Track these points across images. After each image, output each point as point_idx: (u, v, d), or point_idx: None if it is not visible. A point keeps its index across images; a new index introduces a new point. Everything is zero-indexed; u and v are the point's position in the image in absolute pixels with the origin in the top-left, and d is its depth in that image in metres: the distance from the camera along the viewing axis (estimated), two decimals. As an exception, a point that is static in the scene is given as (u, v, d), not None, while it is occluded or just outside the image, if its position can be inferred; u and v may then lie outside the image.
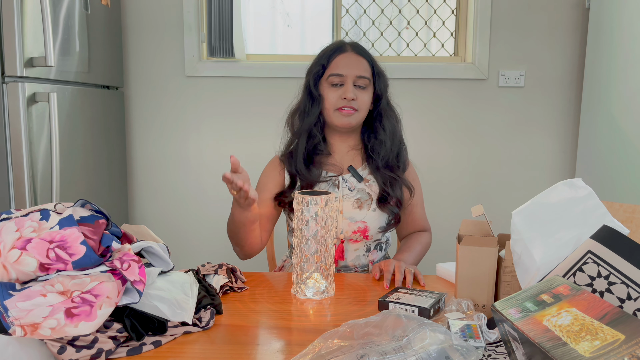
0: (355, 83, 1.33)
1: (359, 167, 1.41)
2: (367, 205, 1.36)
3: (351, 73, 1.33)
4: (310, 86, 1.37)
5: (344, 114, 1.33)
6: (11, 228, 0.81)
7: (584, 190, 0.89)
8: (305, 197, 1.05)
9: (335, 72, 1.33)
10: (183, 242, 2.53)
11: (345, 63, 1.34)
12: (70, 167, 1.87)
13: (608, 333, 0.60)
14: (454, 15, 2.53)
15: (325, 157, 1.39)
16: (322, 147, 1.39)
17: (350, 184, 1.38)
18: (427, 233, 1.49)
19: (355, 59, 1.35)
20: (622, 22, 1.95)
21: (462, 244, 0.97)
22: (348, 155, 1.42)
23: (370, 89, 1.37)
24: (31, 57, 1.62)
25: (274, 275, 1.26)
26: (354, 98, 1.32)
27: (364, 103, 1.35)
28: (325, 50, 1.39)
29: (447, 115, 2.45)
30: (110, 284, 0.80)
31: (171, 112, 2.48)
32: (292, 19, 2.58)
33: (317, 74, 1.36)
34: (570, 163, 2.47)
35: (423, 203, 1.49)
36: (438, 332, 0.75)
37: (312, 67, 1.39)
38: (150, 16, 2.42)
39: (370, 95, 1.37)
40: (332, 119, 1.35)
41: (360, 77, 1.33)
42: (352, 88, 1.32)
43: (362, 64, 1.35)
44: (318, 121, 1.37)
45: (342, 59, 1.35)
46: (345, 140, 1.41)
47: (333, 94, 1.33)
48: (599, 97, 2.11)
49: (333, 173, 1.38)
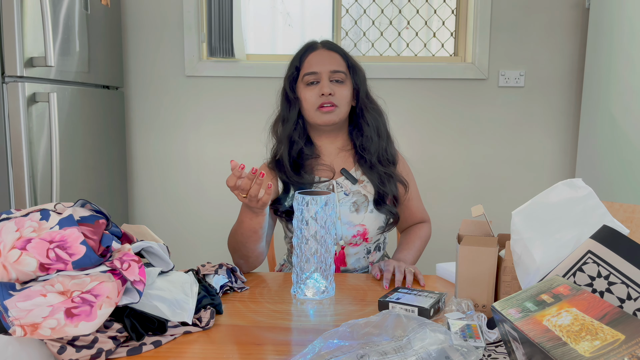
0: (331, 78, 1.31)
1: (352, 169, 1.38)
2: (364, 208, 1.34)
3: (325, 69, 1.31)
4: (287, 90, 1.35)
5: (324, 111, 1.31)
6: (11, 228, 0.81)
7: (584, 190, 0.89)
8: (305, 197, 1.05)
9: (308, 70, 1.32)
10: (183, 242, 2.53)
11: (317, 60, 1.32)
12: (70, 167, 1.87)
13: (608, 333, 0.60)
14: (454, 15, 2.53)
15: (314, 160, 1.37)
16: (309, 151, 1.36)
17: (345, 188, 1.35)
18: (426, 224, 1.48)
19: (327, 54, 1.34)
20: (622, 22, 1.95)
21: (462, 244, 0.97)
22: (339, 157, 1.39)
23: (348, 84, 1.34)
24: (31, 57, 1.62)
25: (274, 275, 1.26)
26: (331, 93, 1.29)
27: (343, 97, 1.32)
28: (297, 52, 1.38)
29: (447, 115, 2.45)
30: (110, 284, 0.80)
31: (171, 112, 2.48)
32: (292, 19, 2.58)
33: (292, 76, 1.35)
34: (570, 163, 2.47)
35: (419, 195, 1.48)
36: (438, 332, 0.75)
37: (287, 72, 1.38)
38: (150, 16, 2.42)
39: (349, 90, 1.34)
40: (314, 118, 1.33)
41: (335, 72, 1.31)
42: (328, 83, 1.30)
43: (334, 59, 1.33)
44: (297, 125, 1.35)
45: (314, 57, 1.33)
46: (333, 142, 1.39)
47: (310, 93, 1.31)
48: (599, 97, 2.11)
49: (326, 178, 1.36)
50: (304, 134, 1.37)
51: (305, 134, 1.38)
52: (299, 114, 1.35)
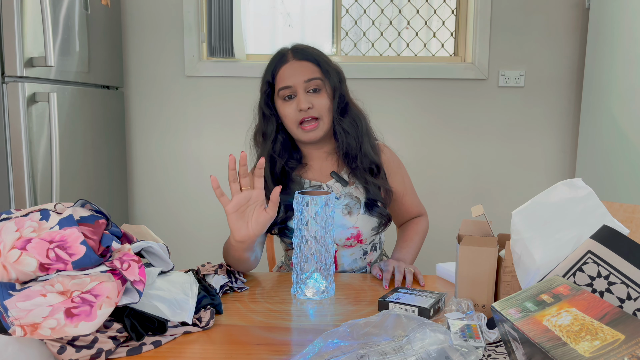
0: (307, 89, 1.26)
1: (342, 171, 1.36)
2: (357, 210, 1.31)
3: (299, 80, 1.25)
4: (263, 107, 1.32)
5: (306, 130, 1.26)
6: (11, 228, 0.81)
7: (584, 190, 0.89)
8: (305, 197, 1.05)
9: (282, 85, 1.27)
10: (183, 242, 2.53)
11: (289, 73, 1.27)
12: (70, 167, 1.87)
13: (608, 333, 0.60)
14: (454, 16, 2.53)
15: (302, 168, 1.34)
16: (295, 162, 1.32)
17: (336, 191, 1.33)
18: (423, 218, 1.46)
19: (299, 65, 1.28)
20: (622, 22, 1.95)
21: (462, 244, 0.97)
22: (328, 161, 1.36)
23: (326, 90, 1.28)
24: (31, 57, 1.62)
25: (274, 275, 1.26)
26: (309, 107, 1.24)
27: (323, 107, 1.27)
28: (268, 65, 1.33)
29: (447, 115, 2.45)
30: (110, 284, 0.80)
31: (171, 112, 2.48)
32: (292, 19, 2.58)
33: (266, 92, 1.31)
34: (570, 163, 2.47)
35: (413, 189, 1.45)
36: (438, 332, 0.75)
37: (261, 86, 1.33)
38: (150, 16, 2.42)
39: (327, 97, 1.28)
40: (297, 135, 1.29)
41: (310, 80, 1.26)
42: (304, 97, 1.25)
43: (307, 68, 1.27)
44: (276, 140, 1.31)
45: (286, 70, 1.28)
46: (320, 148, 1.35)
47: (289, 108, 1.26)
48: (599, 97, 2.11)
49: (316, 182, 1.34)
50: (286, 146, 1.33)
51: (288, 144, 1.33)
52: (277, 128, 1.31)
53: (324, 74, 1.29)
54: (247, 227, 1.05)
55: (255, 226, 1.05)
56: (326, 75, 1.29)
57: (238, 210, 1.04)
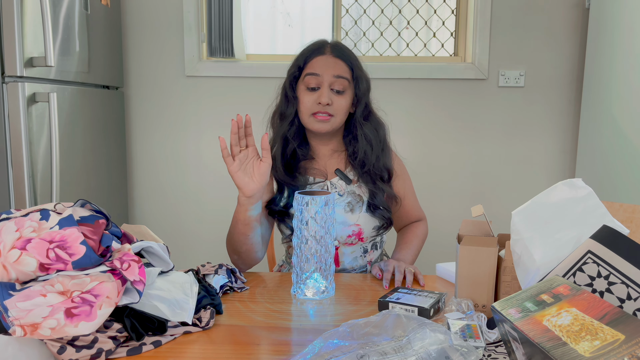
0: (332, 86, 1.28)
1: (346, 169, 1.37)
2: (359, 208, 1.33)
3: (328, 73, 1.28)
4: (286, 88, 1.34)
5: (318, 119, 1.29)
6: (11, 228, 0.81)
7: (584, 190, 0.89)
8: (305, 197, 1.05)
9: (311, 71, 1.29)
10: (183, 242, 2.53)
11: (322, 64, 1.29)
12: (70, 167, 1.87)
13: (608, 333, 0.60)
14: (454, 15, 2.53)
15: (308, 162, 1.36)
16: (303, 152, 1.35)
17: (340, 188, 1.35)
18: (423, 222, 1.48)
19: (333, 61, 1.30)
20: (622, 22, 1.95)
21: (462, 244, 0.97)
22: (332, 159, 1.38)
23: (349, 93, 1.31)
24: (31, 57, 1.62)
25: (274, 275, 1.26)
26: (329, 103, 1.27)
27: (341, 108, 1.30)
28: (304, 50, 1.34)
29: (447, 115, 2.45)
30: (110, 284, 0.80)
31: (171, 112, 2.48)
32: (292, 19, 2.58)
33: (294, 75, 1.33)
34: (570, 163, 2.47)
35: (414, 193, 1.47)
36: (438, 332, 0.75)
37: (290, 68, 1.35)
38: (150, 16, 2.42)
39: (348, 100, 1.31)
40: (307, 123, 1.31)
41: (338, 77, 1.28)
42: (327, 92, 1.27)
43: (340, 66, 1.30)
44: (293, 123, 1.33)
45: (319, 61, 1.30)
46: (327, 144, 1.37)
47: (309, 98, 1.29)
48: (599, 97, 2.11)
49: (320, 179, 1.35)
50: (299, 133, 1.36)
51: (301, 133, 1.37)
52: (296, 112, 1.34)
53: (354, 78, 1.32)
54: (252, 179, 1.14)
55: (258, 177, 1.14)
56: (355, 80, 1.32)
57: (241, 168, 1.13)
